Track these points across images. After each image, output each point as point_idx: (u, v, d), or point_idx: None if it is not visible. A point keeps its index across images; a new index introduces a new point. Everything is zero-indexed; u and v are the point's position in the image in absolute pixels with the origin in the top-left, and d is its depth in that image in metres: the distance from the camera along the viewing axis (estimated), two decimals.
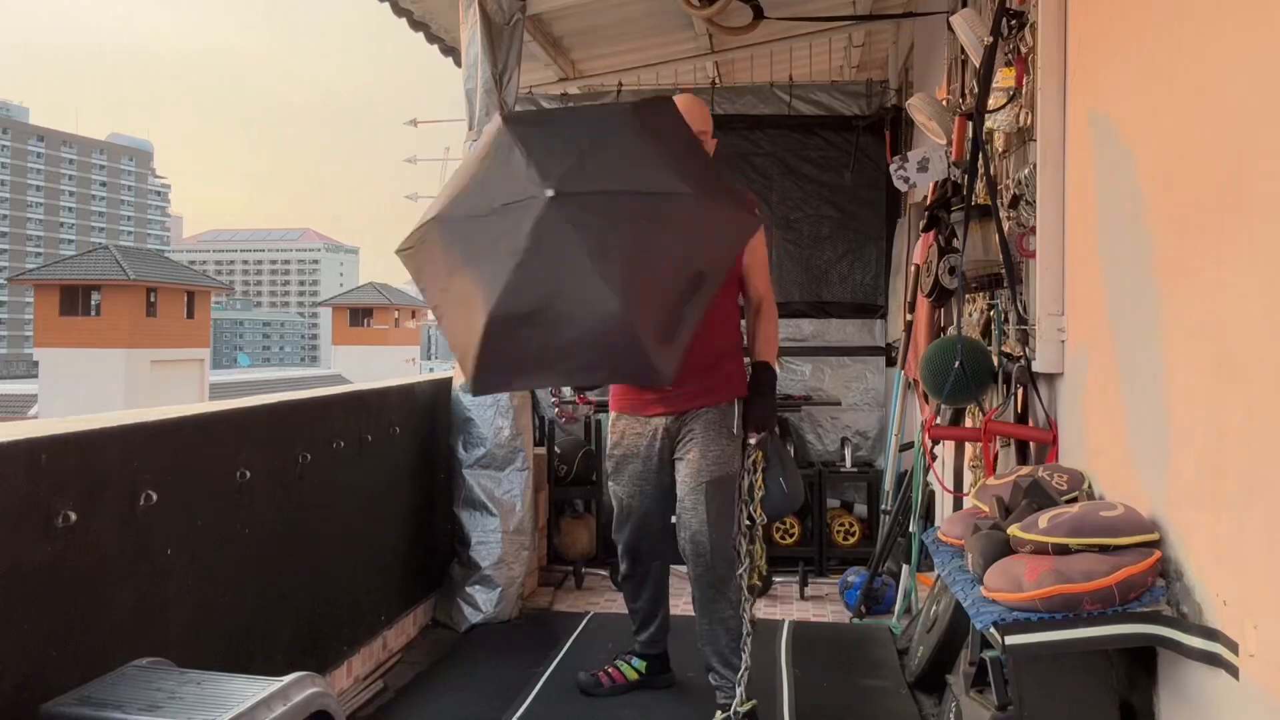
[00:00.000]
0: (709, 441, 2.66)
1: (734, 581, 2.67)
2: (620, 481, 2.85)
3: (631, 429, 2.81)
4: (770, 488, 2.69)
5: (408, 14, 4.29)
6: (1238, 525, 1.50)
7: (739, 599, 2.68)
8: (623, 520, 2.88)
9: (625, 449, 2.83)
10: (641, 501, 2.82)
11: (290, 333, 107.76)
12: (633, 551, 2.90)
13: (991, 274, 2.76)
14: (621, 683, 2.99)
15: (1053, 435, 2.44)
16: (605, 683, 2.98)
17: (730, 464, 2.67)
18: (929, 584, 3.53)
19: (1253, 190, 1.46)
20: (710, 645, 2.71)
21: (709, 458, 2.65)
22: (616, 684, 2.98)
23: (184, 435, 2.25)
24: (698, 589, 2.70)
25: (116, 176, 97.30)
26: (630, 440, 2.81)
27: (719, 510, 2.64)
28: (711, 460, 2.65)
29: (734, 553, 2.66)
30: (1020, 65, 2.68)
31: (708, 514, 2.62)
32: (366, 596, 3.20)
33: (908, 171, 3.24)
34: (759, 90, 5.25)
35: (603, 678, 2.99)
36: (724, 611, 2.68)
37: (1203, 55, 1.65)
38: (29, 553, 1.76)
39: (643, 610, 3.01)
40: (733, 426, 2.70)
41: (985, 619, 1.75)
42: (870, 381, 5.13)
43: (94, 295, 27.94)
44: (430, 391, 3.80)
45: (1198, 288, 1.64)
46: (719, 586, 2.67)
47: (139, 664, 1.87)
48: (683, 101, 2.70)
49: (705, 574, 2.66)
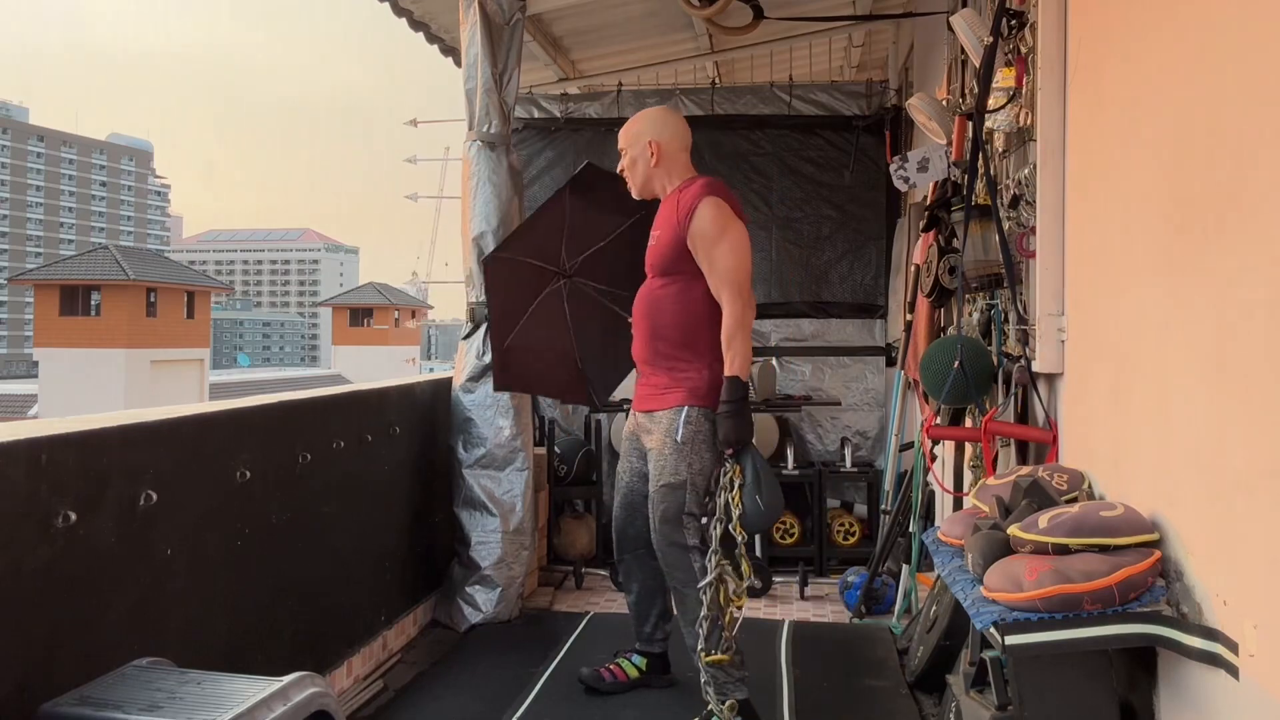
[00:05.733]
0: (658, 449, 2.78)
1: (691, 588, 2.70)
2: (620, 461, 3.03)
3: (631, 419, 2.99)
4: (746, 505, 2.63)
5: (408, 14, 4.30)
6: (1238, 525, 1.50)
7: (697, 604, 2.66)
8: (617, 499, 3.01)
9: (625, 431, 3.02)
10: (630, 479, 2.95)
11: (290, 333, 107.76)
12: (619, 534, 2.99)
13: (991, 274, 2.76)
14: (622, 680, 3.01)
15: (1053, 435, 2.44)
16: (606, 678, 3.01)
17: (675, 473, 2.73)
18: (929, 584, 3.53)
19: (1253, 189, 1.46)
20: (690, 645, 2.76)
21: (657, 466, 2.78)
22: (618, 680, 3.01)
23: (184, 435, 2.25)
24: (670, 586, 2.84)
25: (116, 176, 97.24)
26: (629, 424, 2.99)
27: (662, 515, 2.74)
28: (658, 468, 2.77)
29: (687, 560, 2.72)
30: (1020, 65, 2.68)
31: (654, 518, 2.77)
32: (366, 596, 3.20)
33: (908, 171, 3.24)
34: (759, 90, 5.25)
35: (604, 673, 3.02)
36: (689, 613, 2.75)
37: (1203, 55, 1.65)
38: (29, 553, 1.76)
39: (634, 605, 3.06)
40: (676, 435, 2.73)
41: (985, 619, 1.75)
42: (870, 381, 5.13)
43: (94, 295, 27.94)
44: (430, 391, 3.80)
45: (1198, 287, 1.64)
46: (679, 589, 2.78)
47: (139, 664, 1.87)
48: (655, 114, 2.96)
49: (666, 576, 2.82)
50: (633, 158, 2.91)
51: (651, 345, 2.84)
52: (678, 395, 2.76)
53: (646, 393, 2.87)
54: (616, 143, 2.98)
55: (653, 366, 2.85)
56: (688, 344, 2.79)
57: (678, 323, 2.80)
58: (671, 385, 2.78)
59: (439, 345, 73.30)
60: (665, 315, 2.81)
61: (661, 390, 2.80)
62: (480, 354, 3.78)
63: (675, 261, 2.78)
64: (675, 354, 2.79)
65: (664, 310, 2.82)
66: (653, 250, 2.87)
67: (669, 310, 2.81)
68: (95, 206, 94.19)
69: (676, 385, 2.77)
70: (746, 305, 2.72)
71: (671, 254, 2.79)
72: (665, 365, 2.81)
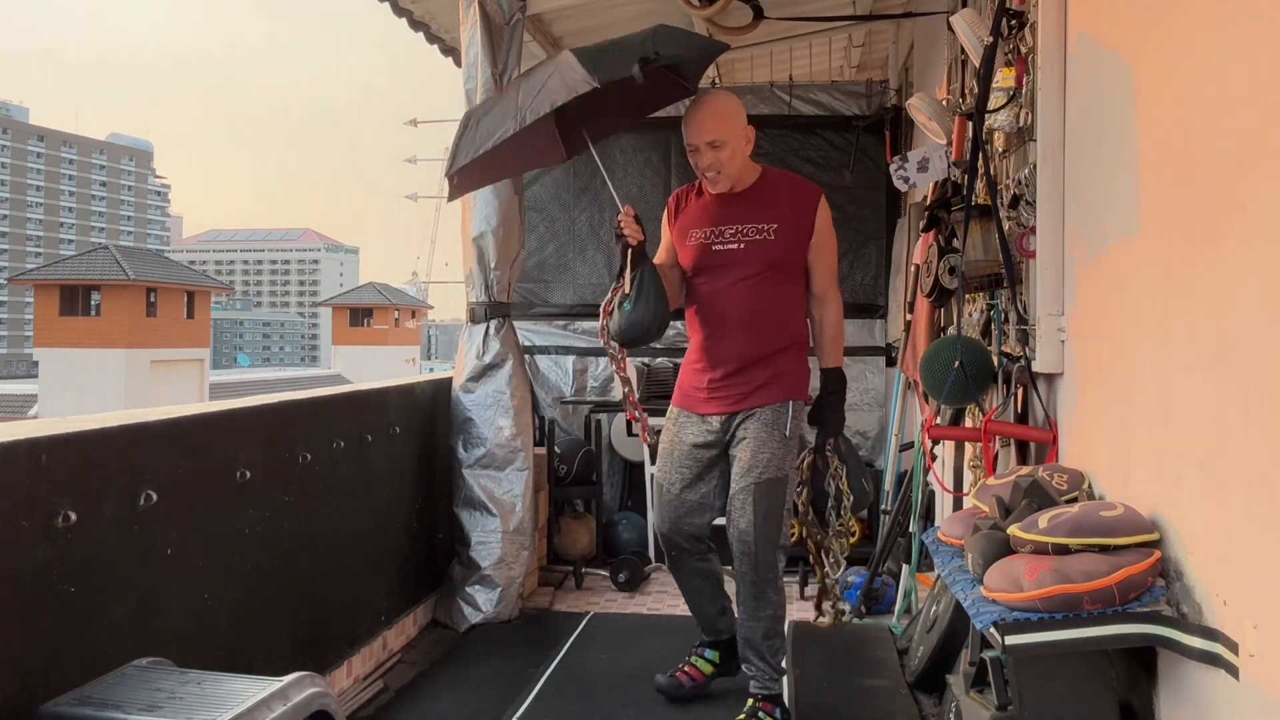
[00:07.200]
0: (761, 443, 2.68)
1: (776, 583, 2.73)
2: (662, 467, 2.87)
3: (687, 423, 2.83)
4: (855, 490, 2.77)
5: (408, 14, 4.30)
6: (1238, 525, 1.50)
7: (780, 599, 2.75)
8: (658, 504, 2.90)
9: (671, 438, 2.86)
10: (681, 488, 2.82)
11: (290, 333, 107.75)
12: (668, 541, 2.90)
13: (991, 274, 2.76)
14: (700, 680, 2.94)
15: (1053, 435, 2.44)
16: (686, 683, 2.93)
17: (782, 467, 2.69)
18: (929, 584, 3.53)
19: (1253, 189, 1.46)
20: (748, 638, 2.75)
21: (760, 459, 2.67)
22: (697, 682, 2.94)
23: (184, 435, 2.25)
24: (741, 585, 2.74)
25: (116, 176, 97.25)
26: (680, 430, 2.84)
27: (766, 512, 2.66)
28: (764, 462, 2.67)
29: (778, 555, 2.71)
30: (1020, 65, 2.68)
31: (755, 514, 2.65)
32: (366, 596, 3.20)
33: (908, 171, 3.24)
34: (759, 90, 5.25)
35: (682, 678, 2.94)
36: (763, 610, 2.73)
37: (1203, 54, 1.65)
38: (29, 553, 1.76)
39: (694, 604, 2.98)
40: (785, 429, 2.70)
41: (985, 619, 1.75)
42: (870, 381, 5.13)
43: (94, 295, 27.95)
44: (430, 391, 3.80)
45: (1197, 286, 1.64)
46: (761, 585, 2.70)
47: (139, 664, 1.87)
48: (733, 97, 2.79)
49: (749, 572, 2.70)
50: (733, 150, 2.70)
51: (763, 343, 2.73)
52: (781, 390, 2.72)
53: (740, 393, 2.73)
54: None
55: (759, 363, 2.73)
56: (796, 340, 2.79)
57: (792, 319, 2.78)
58: (772, 380, 2.73)
59: (439, 345, 73.28)
60: (784, 312, 2.77)
61: (760, 386, 2.72)
62: (480, 354, 3.78)
63: (797, 258, 2.77)
64: (783, 350, 2.76)
65: (783, 307, 2.76)
66: (772, 246, 2.72)
67: (788, 307, 2.78)
68: (95, 206, 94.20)
69: (778, 380, 2.73)
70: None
71: (801, 251, 2.76)
72: (770, 361, 2.74)
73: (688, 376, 2.86)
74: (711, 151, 2.68)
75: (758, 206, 2.75)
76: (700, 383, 2.80)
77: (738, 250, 2.73)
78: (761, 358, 2.73)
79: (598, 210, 5.16)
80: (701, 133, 2.67)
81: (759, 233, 2.72)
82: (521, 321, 4.85)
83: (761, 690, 2.73)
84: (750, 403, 2.72)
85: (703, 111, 2.70)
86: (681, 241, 2.83)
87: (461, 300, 3.95)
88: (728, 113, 2.70)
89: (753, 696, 2.73)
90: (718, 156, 2.68)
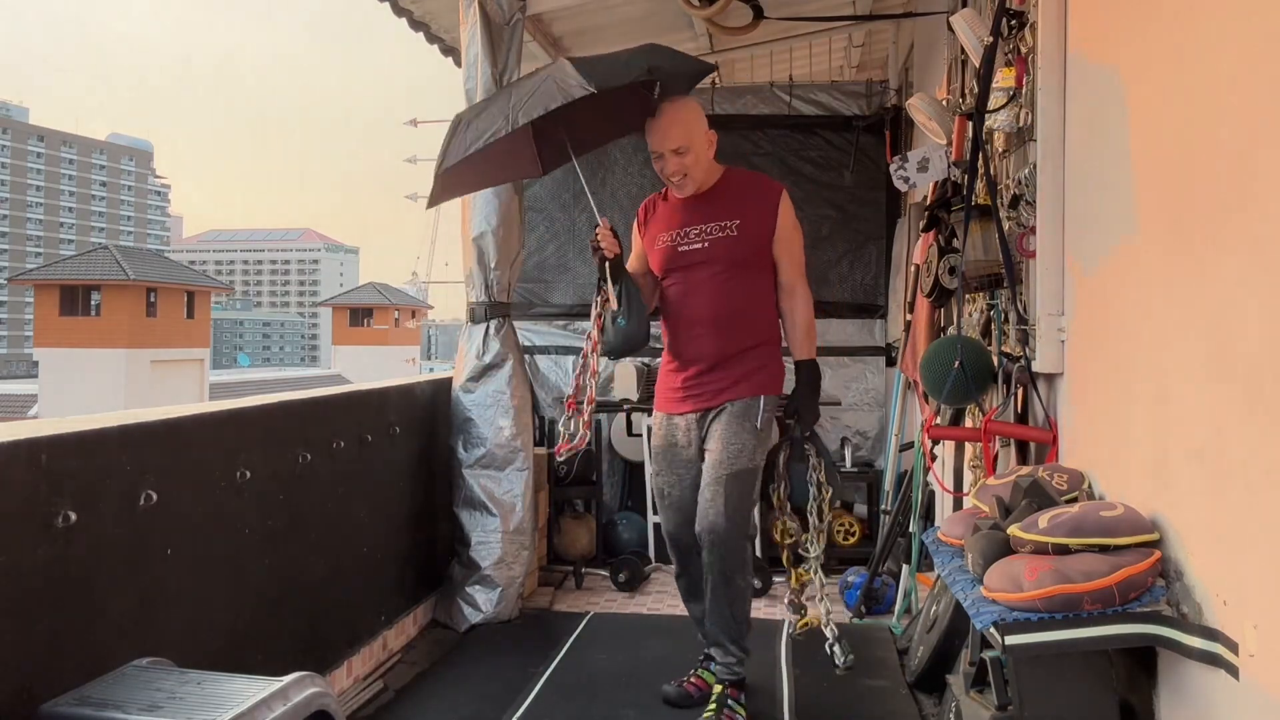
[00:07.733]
0: (731, 435, 2.73)
1: (745, 570, 2.78)
2: (659, 472, 2.93)
3: (666, 425, 2.90)
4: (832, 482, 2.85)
5: (408, 14, 4.30)
6: (1238, 525, 1.50)
7: (747, 584, 2.82)
8: (663, 510, 2.94)
9: (661, 441, 2.92)
10: (681, 491, 2.86)
11: (290, 333, 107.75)
12: (676, 543, 2.92)
13: (991, 274, 2.76)
14: (708, 690, 2.90)
15: (1053, 435, 2.44)
16: (694, 694, 2.90)
17: (754, 457, 2.73)
18: (929, 584, 3.53)
19: (1253, 188, 1.46)
20: (716, 627, 2.78)
21: (730, 451, 2.72)
22: (704, 693, 2.89)
23: (184, 435, 2.25)
24: (710, 575, 2.76)
25: (116, 176, 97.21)
26: (666, 434, 2.90)
27: (736, 503, 2.69)
28: (733, 453, 2.71)
29: (747, 545, 2.76)
30: (1020, 65, 2.68)
31: (725, 506, 2.68)
32: (366, 596, 3.20)
33: (908, 171, 3.24)
34: (759, 90, 5.25)
35: (691, 689, 2.91)
36: (734, 598, 2.76)
37: (1202, 54, 1.65)
38: (29, 553, 1.76)
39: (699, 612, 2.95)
40: (756, 421, 2.74)
41: (985, 619, 1.75)
42: (870, 381, 5.13)
43: (94, 295, 27.93)
44: (430, 391, 3.80)
45: (1197, 286, 1.64)
46: (730, 574, 2.73)
47: (139, 664, 1.87)
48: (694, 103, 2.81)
49: (718, 563, 2.72)
50: (696, 155, 2.75)
51: (733, 340, 2.78)
52: (754, 384, 2.77)
53: (714, 389, 2.79)
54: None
55: (730, 360, 2.78)
56: (767, 335, 2.83)
57: (761, 314, 2.83)
58: (745, 376, 2.78)
59: (439, 345, 73.24)
60: (752, 308, 2.81)
61: (734, 382, 2.78)
62: (480, 354, 3.78)
63: (762, 254, 2.80)
64: (755, 346, 2.81)
65: (751, 303, 2.81)
66: (735, 243, 2.77)
67: (756, 303, 2.82)
68: (95, 206, 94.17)
69: (751, 375, 2.78)
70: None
71: (765, 247, 2.80)
72: (741, 358, 2.79)
73: (664, 378, 2.94)
74: (676, 158, 2.74)
75: (719, 205, 2.80)
76: (675, 383, 2.87)
77: (702, 249, 2.79)
78: (733, 355, 2.78)
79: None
80: (665, 140, 2.73)
81: (721, 230, 2.78)
82: (521, 321, 4.85)
83: (729, 676, 2.78)
84: (723, 399, 2.78)
85: (665, 119, 2.74)
86: (651, 247, 2.90)
87: (461, 300, 3.95)
88: (689, 119, 2.75)
89: (720, 683, 2.78)
90: (683, 162, 2.74)
